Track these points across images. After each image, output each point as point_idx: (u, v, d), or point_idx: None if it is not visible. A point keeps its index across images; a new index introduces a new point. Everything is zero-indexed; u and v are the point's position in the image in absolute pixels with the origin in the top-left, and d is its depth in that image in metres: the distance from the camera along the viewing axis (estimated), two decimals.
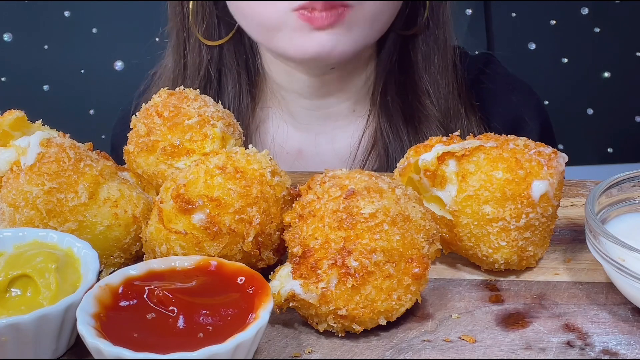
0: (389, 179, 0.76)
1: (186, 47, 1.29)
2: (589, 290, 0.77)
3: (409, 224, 0.71)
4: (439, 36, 1.25)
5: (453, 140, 0.81)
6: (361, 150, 1.27)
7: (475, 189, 0.77)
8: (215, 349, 0.59)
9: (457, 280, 0.80)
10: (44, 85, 2.39)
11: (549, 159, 0.77)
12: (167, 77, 1.31)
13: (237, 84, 1.29)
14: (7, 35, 2.35)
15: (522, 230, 0.77)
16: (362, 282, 0.68)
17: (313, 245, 0.70)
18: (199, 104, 0.89)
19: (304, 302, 0.69)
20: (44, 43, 2.37)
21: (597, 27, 2.36)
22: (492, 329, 0.71)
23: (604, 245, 0.73)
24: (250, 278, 0.68)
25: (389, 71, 1.26)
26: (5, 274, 0.68)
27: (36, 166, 0.76)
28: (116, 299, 0.66)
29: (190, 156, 0.86)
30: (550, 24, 2.38)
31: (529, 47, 2.38)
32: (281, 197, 0.77)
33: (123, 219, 0.79)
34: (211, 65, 1.28)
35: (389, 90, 1.26)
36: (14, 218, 0.76)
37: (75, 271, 0.71)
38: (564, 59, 2.38)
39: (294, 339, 0.71)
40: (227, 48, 1.28)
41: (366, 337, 0.71)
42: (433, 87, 1.25)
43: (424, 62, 1.25)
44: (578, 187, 0.98)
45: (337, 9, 1.07)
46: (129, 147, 0.90)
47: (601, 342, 0.69)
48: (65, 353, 0.70)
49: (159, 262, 0.71)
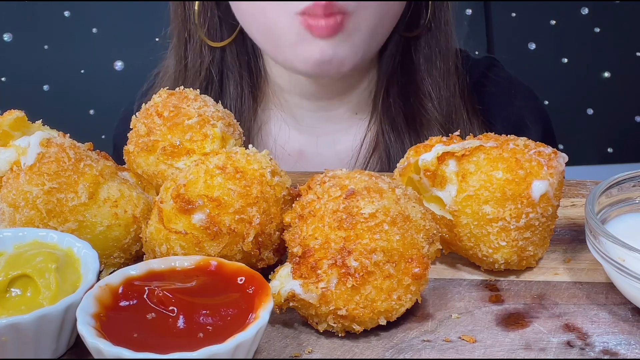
0: (389, 179, 0.76)
1: (187, 48, 1.29)
2: (589, 290, 0.77)
3: (409, 224, 0.71)
4: (441, 39, 1.25)
5: (453, 140, 0.81)
6: (363, 153, 1.27)
7: (475, 189, 0.77)
8: (215, 349, 0.59)
9: (457, 280, 0.80)
10: (44, 85, 2.40)
11: (549, 159, 0.77)
12: (169, 78, 1.31)
13: (239, 86, 1.29)
14: (7, 35, 2.35)
15: (522, 230, 0.77)
16: (362, 282, 0.68)
17: (313, 245, 0.70)
18: (199, 104, 0.89)
19: (304, 302, 0.69)
20: (44, 43, 2.37)
21: (597, 27, 2.36)
22: (492, 329, 0.71)
23: (604, 245, 0.73)
24: (250, 278, 0.68)
25: (391, 74, 1.26)
26: (5, 274, 0.68)
27: (36, 166, 0.76)
28: (116, 299, 0.66)
29: (190, 156, 0.86)
30: (550, 24, 2.38)
31: (529, 47, 2.38)
32: (281, 197, 0.77)
33: (123, 219, 0.79)
34: (213, 67, 1.28)
35: (390, 93, 1.26)
36: (14, 218, 0.76)
37: (75, 271, 0.71)
38: (564, 59, 2.38)
39: (294, 339, 0.71)
40: (229, 49, 1.28)
41: (366, 337, 0.71)
42: (435, 90, 1.25)
43: (426, 65, 1.25)
44: (578, 187, 0.98)
45: (336, 16, 1.07)
46: (129, 147, 0.90)
47: (601, 342, 0.69)
48: (65, 353, 0.70)
49: (159, 262, 0.71)
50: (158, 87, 1.32)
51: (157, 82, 1.35)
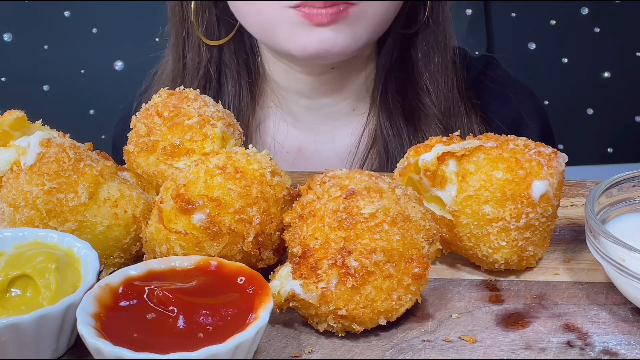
0: (389, 179, 0.76)
1: (185, 46, 1.29)
2: (589, 290, 0.77)
3: (409, 224, 0.71)
4: (439, 35, 1.25)
5: (453, 140, 0.81)
6: (361, 149, 1.27)
7: (475, 189, 0.77)
8: (215, 349, 0.59)
9: (457, 280, 0.80)
10: (44, 85, 2.39)
11: (549, 159, 0.77)
12: (167, 77, 1.31)
13: (237, 83, 1.29)
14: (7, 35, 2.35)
15: (522, 230, 0.77)
16: (362, 282, 0.68)
17: (313, 245, 0.70)
18: (199, 104, 0.89)
19: (304, 302, 0.69)
20: (44, 43, 2.37)
21: (597, 27, 2.36)
22: (492, 329, 0.71)
23: (604, 245, 0.73)
24: (250, 278, 0.68)
25: (389, 69, 1.26)
26: (5, 274, 0.68)
27: (36, 166, 0.76)
28: (116, 299, 0.66)
29: (190, 156, 0.86)
30: (550, 24, 2.38)
31: (529, 47, 2.38)
32: (281, 197, 0.77)
33: (123, 219, 0.79)
34: (211, 65, 1.28)
35: (389, 88, 1.26)
36: (14, 218, 0.76)
37: (75, 271, 0.71)
38: (564, 59, 2.38)
39: (294, 339, 0.71)
40: (227, 47, 1.28)
41: (366, 337, 0.71)
42: (433, 85, 1.25)
43: (423, 60, 1.25)
44: (578, 187, 0.98)
45: (339, 5, 1.07)
46: (129, 147, 0.90)
47: (601, 342, 0.69)
48: (65, 353, 0.70)
49: (159, 262, 0.71)
50: (156, 85, 1.32)
51: (156, 81, 1.35)
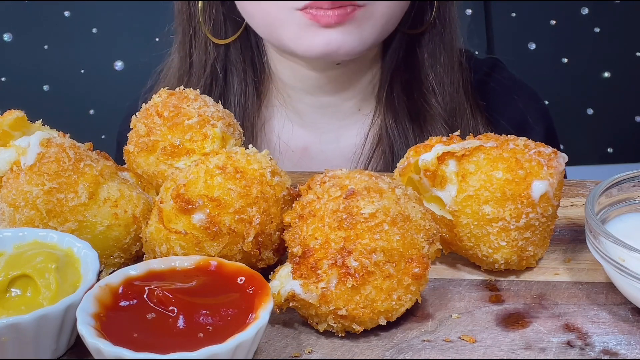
0: (389, 179, 0.76)
1: (192, 45, 1.29)
2: (589, 290, 0.77)
3: (409, 224, 0.71)
4: (445, 35, 1.25)
5: (453, 140, 0.81)
6: (366, 149, 1.27)
7: (475, 189, 0.77)
8: (215, 349, 0.59)
9: (457, 280, 0.80)
10: (44, 85, 2.39)
11: (549, 159, 0.77)
12: (173, 75, 1.32)
13: (243, 82, 1.29)
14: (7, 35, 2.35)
15: (522, 230, 0.77)
16: (362, 282, 0.68)
17: (313, 245, 0.70)
18: (199, 104, 0.89)
19: (304, 302, 0.69)
20: (44, 43, 2.37)
21: (597, 27, 2.36)
22: (492, 329, 0.71)
23: (604, 245, 0.73)
24: (250, 278, 0.68)
25: (395, 69, 1.26)
26: (5, 274, 0.68)
27: (36, 166, 0.76)
28: (116, 299, 0.66)
29: (190, 156, 0.86)
30: (550, 24, 2.38)
31: (529, 47, 2.38)
32: (281, 197, 0.77)
33: (123, 219, 0.79)
34: (217, 63, 1.28)
35: (394, 88, 1.26)
36: (14, 218, 0.76)
37: (75, 271, 0.71)
38: (564, 59, 2.38)
39: (294, 339, 0.71)
40: (233, 46, 1.28)
41: (366, 337, 0.71)
42: (439, 86, 1.25)
43: (430, 60, 1.25)
44: (578, 187, 0.98)
45: (346, 7, 1.07)
46: (129, 147, 0.90)
47: (601, 342, 0.69)
48: (65, 353, 0.70)
49: (159, 262, 0.71)
50: (162, 83, 1.32)
51: (162, 78, 1.35)
